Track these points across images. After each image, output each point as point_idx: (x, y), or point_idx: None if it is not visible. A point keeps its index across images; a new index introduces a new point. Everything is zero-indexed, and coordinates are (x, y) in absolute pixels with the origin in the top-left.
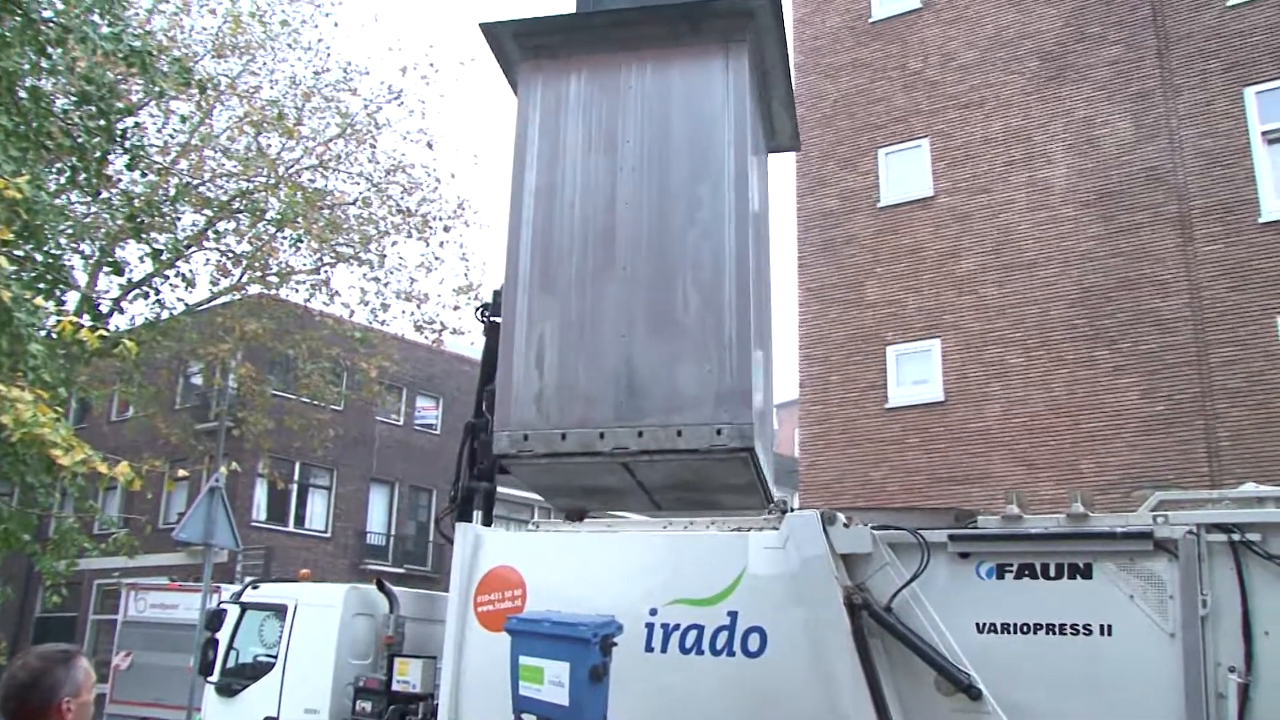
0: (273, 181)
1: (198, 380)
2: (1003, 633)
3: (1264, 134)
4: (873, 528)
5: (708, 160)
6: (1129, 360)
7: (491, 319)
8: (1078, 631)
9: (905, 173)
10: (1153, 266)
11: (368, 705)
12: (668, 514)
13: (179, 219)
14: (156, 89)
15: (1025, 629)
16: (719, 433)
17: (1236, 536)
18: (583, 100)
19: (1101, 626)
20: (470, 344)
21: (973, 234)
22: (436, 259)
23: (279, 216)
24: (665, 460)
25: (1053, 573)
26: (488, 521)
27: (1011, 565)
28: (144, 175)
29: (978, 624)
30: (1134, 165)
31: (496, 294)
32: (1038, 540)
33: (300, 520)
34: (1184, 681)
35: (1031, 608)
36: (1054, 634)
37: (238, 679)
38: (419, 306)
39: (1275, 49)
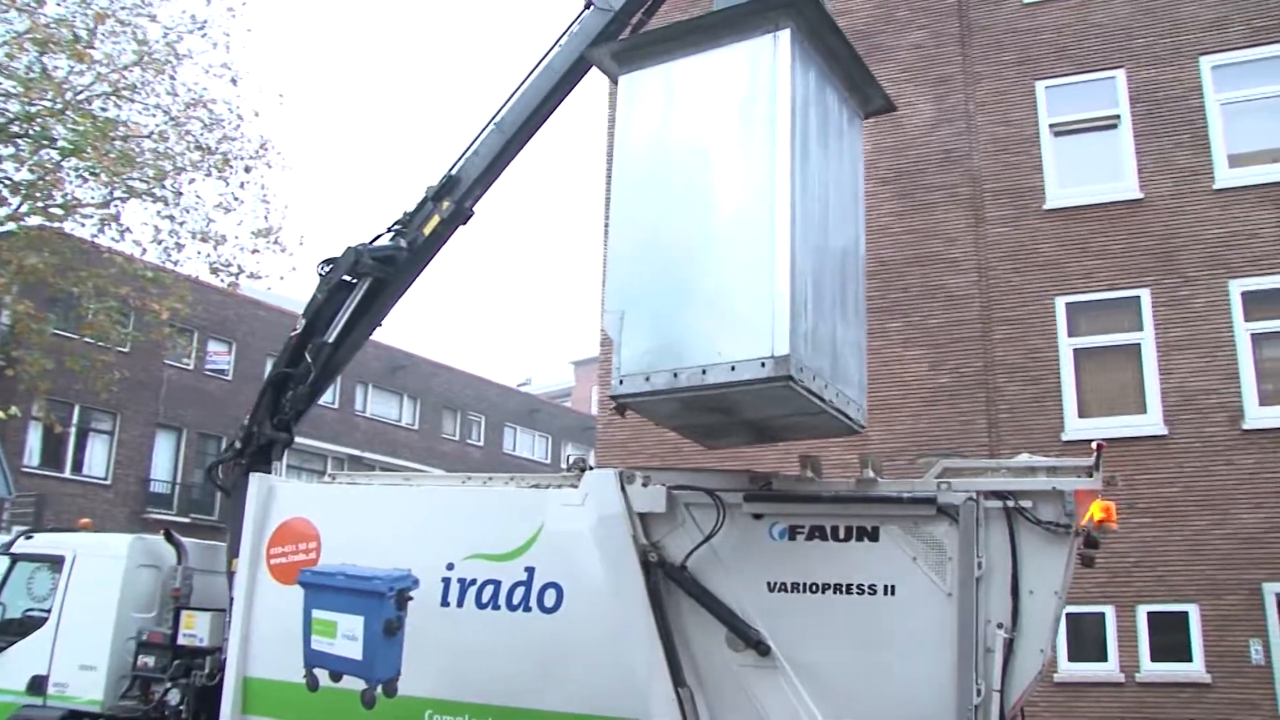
0: (59, 107)
1: None
2: (793, 591)
3: (1050, 126)
4: (670, 487)
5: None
6: (918, 333)
7: (345, 278)
8: (863, 591)
9: None
10: (944, 244)
11: (150, 660)
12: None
13: None
14: None
15: (814, 588)
16: (857, 409)
17: (1011, 503)
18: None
19: (886, 587)
20: (267, 289)
21: None
22: (236, 199)
23: (67, 145)
24: (831, 416)
25: (842, 535)
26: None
27: (803, 527)
28: None
29: (769, 583)
30: (932, 147)
31: (353, 249)
32: (829, 503)
33: (78, 466)
34: (958, 638)
35: (821, 568)
36: (841, 593)
37: (1, 636)
38: (215, 248)
39: (1062, 47)
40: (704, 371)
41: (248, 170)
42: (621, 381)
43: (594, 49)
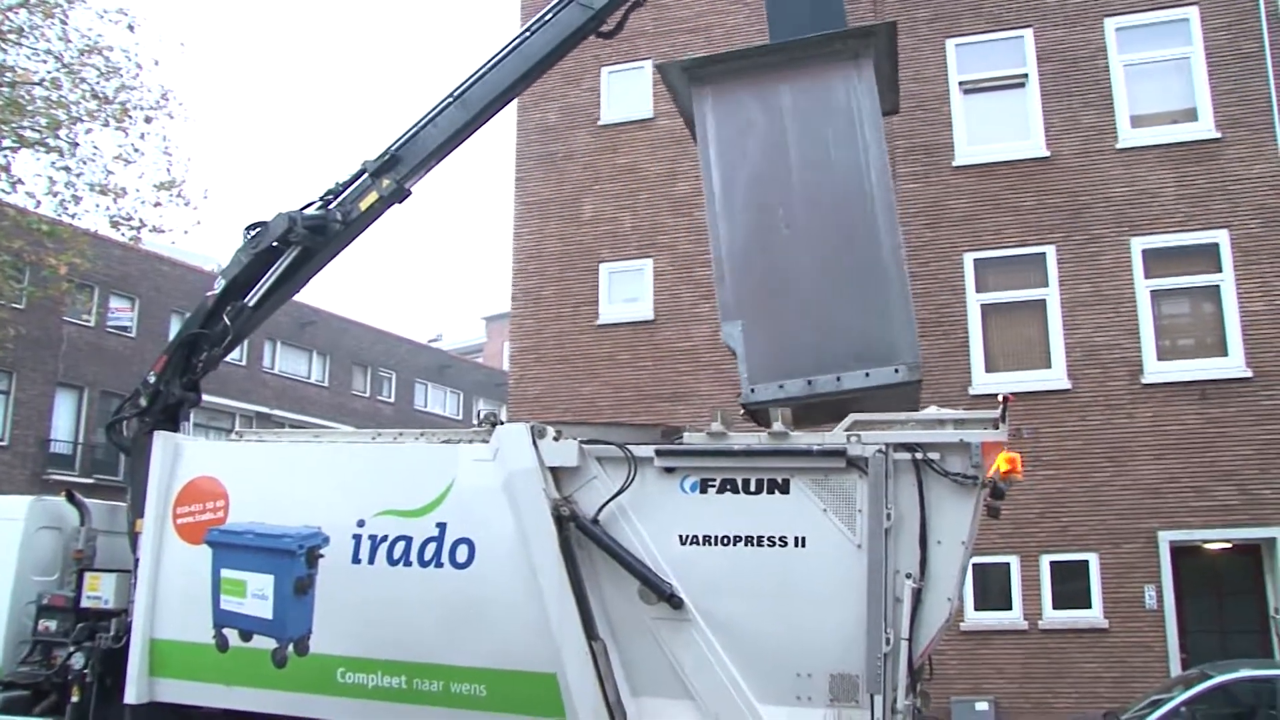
0: None
1: None
2: (704, 544)
3: (961, 84)
4: (581, 442)
5: None
6: None
7: (275, 244)
8: (774, 543)
9: (627, 93)
10: None
11: (52, 624)
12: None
13: None
14: None
15: (726, 541)
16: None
17: (919, 455)
18: None
19: (796, 539)
20: (171, 243)
21: (689, 157)
22: (136, 151)
23: None
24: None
25: (753, 487)
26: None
27: (714, 480)
28: None
29: (681, 536)
30: None
31: (286, 216)
32: (740, 456)
33: None
34: (867, 588)
35: (732, 521)
36: (752, 546)
37: None
38: (115, 201)
39: (974, 6)
40: (839, 378)
41: (148, 121)
42: (754, 390)
43: (665, 64)
